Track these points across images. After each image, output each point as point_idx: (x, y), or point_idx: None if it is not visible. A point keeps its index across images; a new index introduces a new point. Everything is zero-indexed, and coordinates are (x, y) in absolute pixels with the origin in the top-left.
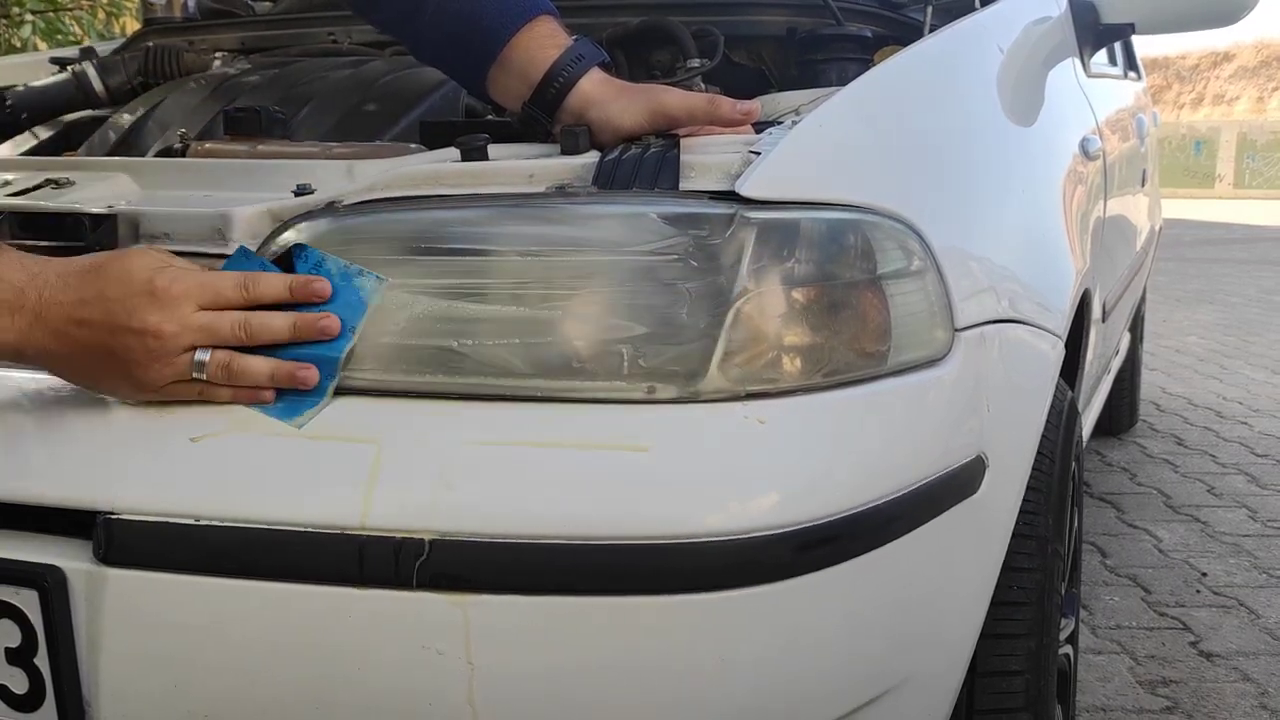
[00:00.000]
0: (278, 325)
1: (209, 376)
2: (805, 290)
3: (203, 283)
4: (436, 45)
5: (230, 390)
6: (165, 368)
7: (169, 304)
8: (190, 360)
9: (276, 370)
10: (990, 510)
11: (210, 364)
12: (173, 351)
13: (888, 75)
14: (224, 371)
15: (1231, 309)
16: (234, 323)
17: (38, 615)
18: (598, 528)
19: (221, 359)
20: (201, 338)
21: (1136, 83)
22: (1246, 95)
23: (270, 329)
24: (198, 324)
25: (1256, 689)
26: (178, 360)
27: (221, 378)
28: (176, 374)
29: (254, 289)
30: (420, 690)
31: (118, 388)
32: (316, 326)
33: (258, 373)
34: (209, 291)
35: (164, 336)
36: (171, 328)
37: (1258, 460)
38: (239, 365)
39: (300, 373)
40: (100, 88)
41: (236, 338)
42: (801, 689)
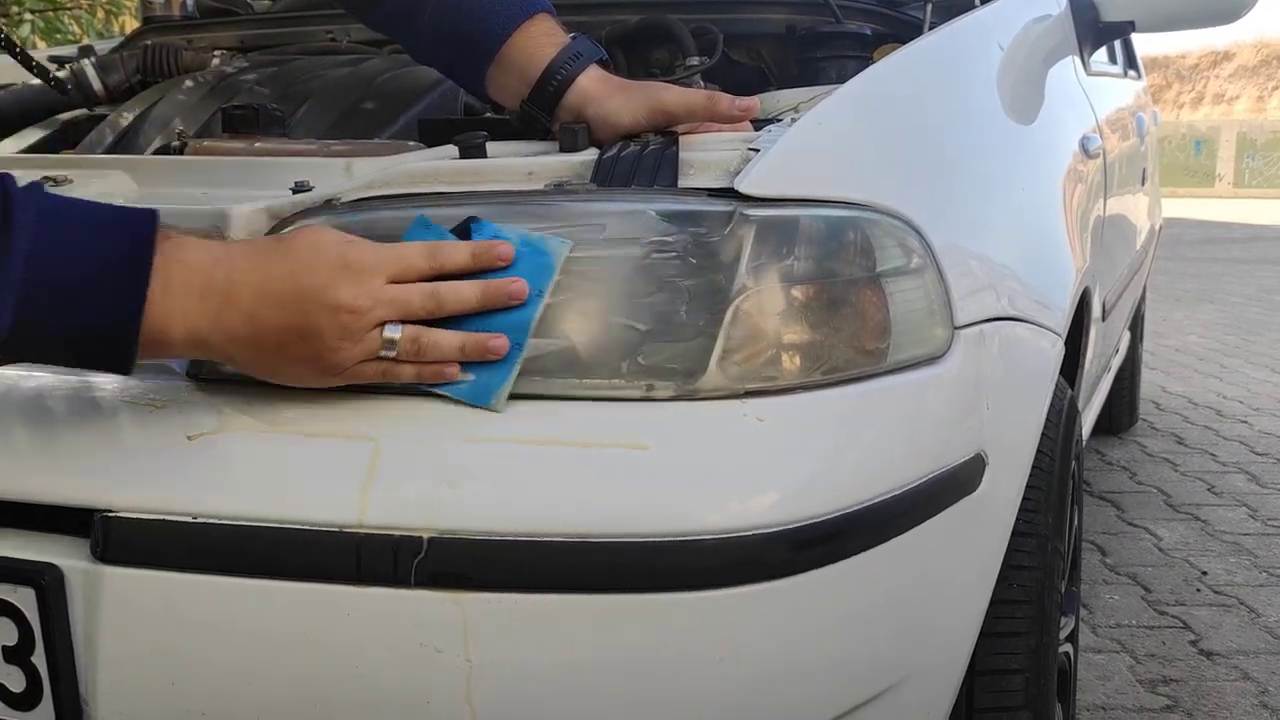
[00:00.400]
0: (467, 293)
1: (399, 353)
2: (804, 288)
3: (392, 256)
4: (434, 45)
5: (416, 368)
6: (356, 346)
7: (363, 277)
8: (380, 337)
9: (467, 342)
10: (990, 508)
11: (402, 339)
12: (366, 328)
13: (887, 73)
14: (414, 346)
15: (1231, 308)
16: (424, 294)
17: (35, 613)
18: (596, 525)
19: (412, 333)
20: (393, 311)
21: (1136, 81)
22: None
23: (460, 297)
24: (389, 297)
25: (1257, 687)
26: (370, 338)
27: (411, 354)
28: (366, 352)
29: (439, 257)
30: (418, 688)
31: (302, 372)
32: (505, 291)
33: (449, 346)
34: (399, 263)
35: (359, 311)
36: (366, 302)
37: (1258, 459)
38: (429, 339)
39: (492, 343)
40: (99, 86)
41: (427, 309)
42: (800, 687)
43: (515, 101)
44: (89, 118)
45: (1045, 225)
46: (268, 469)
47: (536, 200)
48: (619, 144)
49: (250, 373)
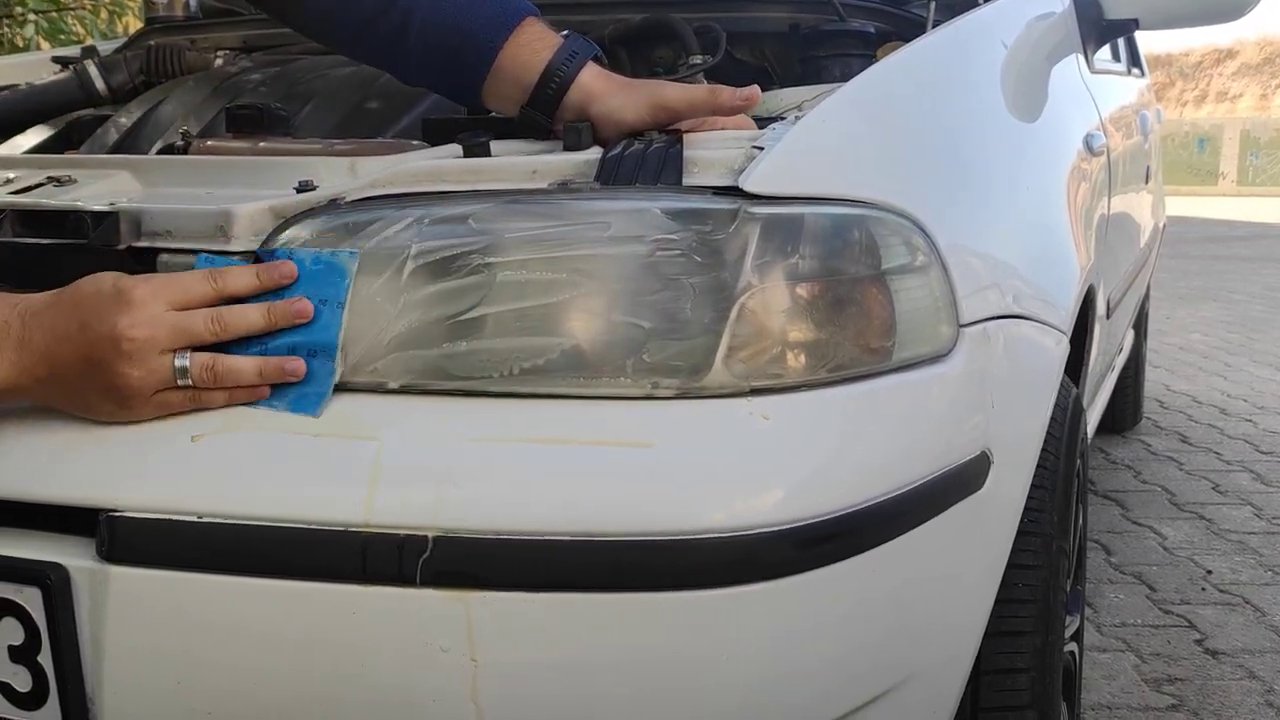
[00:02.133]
0: (252, 315)
1: (195, 381)
2: (809, 286)
3: (169, 283)
4: (425, 67)
5: (224, 393)
6: (146, 375)
7: (136, 305)
8: (171, 365)
9: (264, 366)
10: (995, 507)
11: (193, 367)
12: (149, 353)
13: (891, 71)
14: (209, 374)
15: (1235, 306)
16: (207, 318)
17: (41, 613)
18: (601, 524)
19: (204, 361)
20: (176, 337)
21: (1140, 79)
22: (1249, 92)
23: (245, 319)
24: (169, 323)
25: (1262, 686)
26: (157, 365)
27: (208, 381)
28: (160, 381)
29: (221, 281)
30: (424, 687)
31: (110, 406)
32: (291, 310)
33: (245, 370)
34: (175, 289)
35: (135, 339)
36: (142, 330)
37: (1263, 457)
38: (224, 366)
39: (289, 365)
40: (102, 86)
41: (212, 332)
42: (806, 685)
43: (514, 108)
44: (93, 118)
45: (1050, 223)
46: (273, 468)
47: (541, 199)
48: (623, 142)
49: (67, 410)
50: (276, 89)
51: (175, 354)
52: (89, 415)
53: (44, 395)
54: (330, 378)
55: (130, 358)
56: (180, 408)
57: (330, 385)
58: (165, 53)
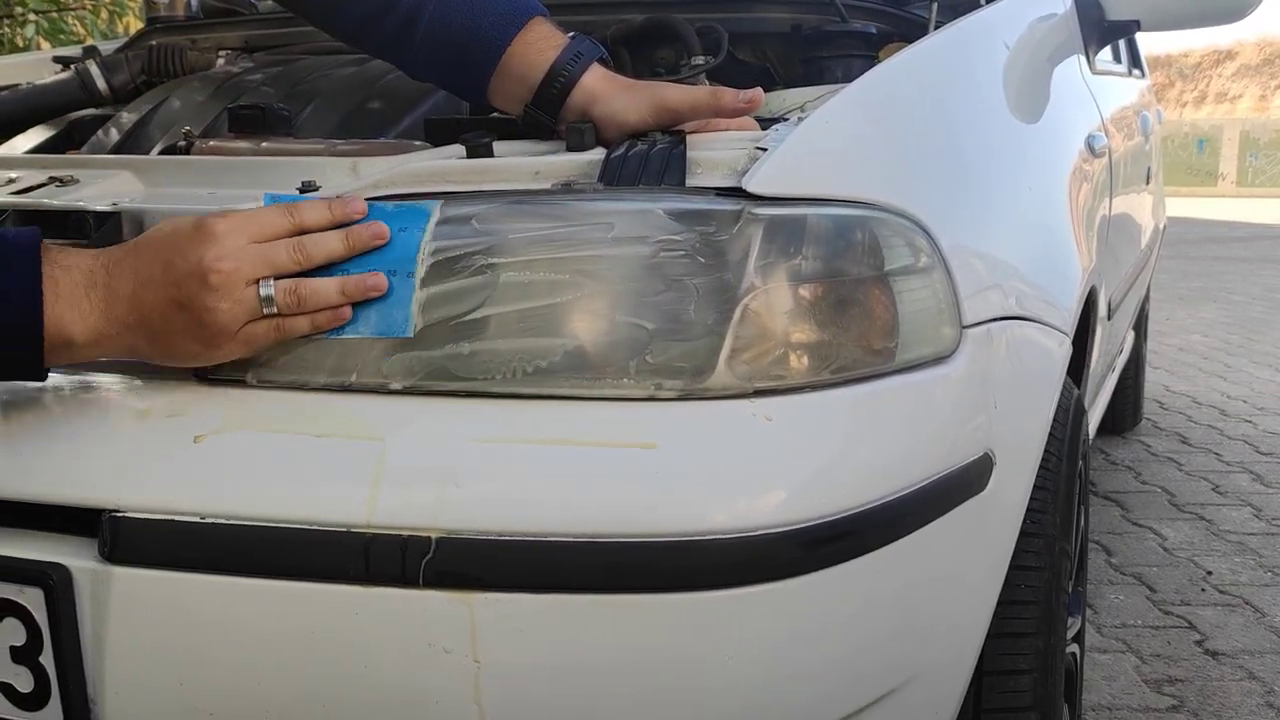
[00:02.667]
0: (332, 242)
1: (280, 307)
2: (812, 287)
3: (249, 217)
4: (432, 64)
5: (308, 318)
6: (234, 306)
7: (219, 239)
8: (256, 295)
9: (346, 284)
10: (998, 508)
11: (278, 292)
12: (236, 286)
13: (894, 72)
14: (293, 298)
15: (1235, 307)
16: (289, 246)
17: (43, 613)
18: (605, 525)
19: (287, 285)
20: (260, 267)
21: (1141, 80)
22: (1249, 93)
23: (325, 246)
24: (254, 254)
25: (1263, 687)
26: (244, 296)
27: (292, 305)
28: (247, 312)
29: (298, 215)
30: (426, 688)
31: (198, 347)
32: (369, 234)
33: (328, 291)
34: (255, 223)
35: (223, 271)
36: (228, 262)
37: (1263, 458)
38: (307, 289)
39: (370, 280)
40: (104, 86)
41: (295, 260)
42: (809, 686)
43: (519, 107)
44: (95, 118)
45: (1052, 224)
46: (275, 469)
47: (544, 200)
48: (626, 143)
49: (154, 359)
50: (278, 89)
51: (260, 283)
52: (175, 361)
53: (131, 343)
54: (410, 295)
55: (217, 290)
56: (266, 340)
57: (413, 304)
58: (167, 53)
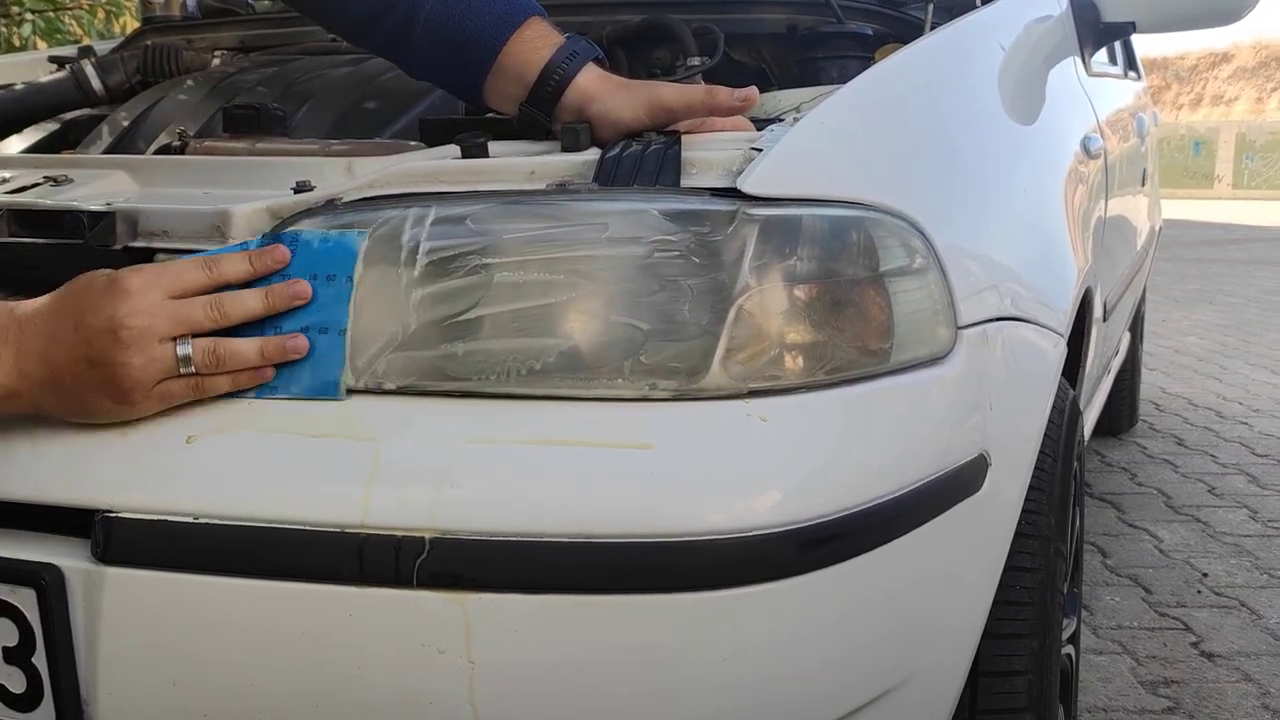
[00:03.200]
0: (250, 301)
1: (198, 367)
2: (807, 287)
3: (162, 270)
4: (429, 62)
5: (229, 376)
6: (147, 363)
7: (132, 294)
8: (173, 353)
9: (265, 346)
10: (993, 509)
11: (195, 352)
12: (149, 343)
13: (889, 73)
14: (212, 358)
15: (1231, 309)
16: (205, 304)
17: (35, 614)
18: (599, 525)
19: (205, 345)
20: (174, 325)
21: (1136, 82)
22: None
23: (243, 305)
24: (168, 311)
25: (1258, 689)
26: (158, 353)
27: (211, 365)
28: (161, 370)
29: (216, 269)
30: (420, 689)
31: (110, 404)
32: (289, 294)
33: (247, 353)
34: (170, 277)
35: (134, 327)
36: (141, 319)
37: (1258, 460)
38: (225, 349)
39: (289, 342)
40: (99, 86)
41: (212, 319)
42: (804, 687)
43: (514, 106)
44: (90, 117)
45: (1047, 225)
46: (269, 469)
47: (539, 200)
48: (621, 143)
49: (66, 417)
50: (274, 89)
51: (177, 341)
52: (86, 418)
53: (41, 400)
54: (341, 355)
55: (129, 347)
56: (183, 398)
57: (342, 363)
58: (162, 53)
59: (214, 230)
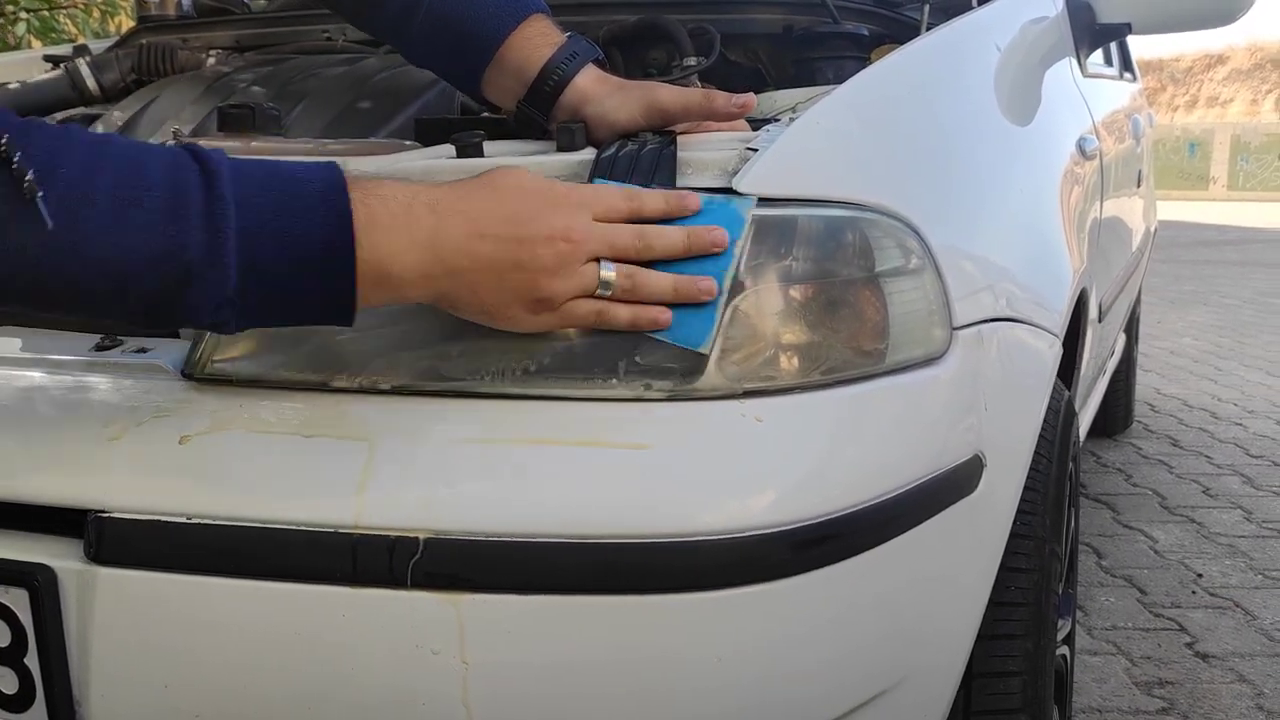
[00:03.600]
0: (673, 237)
1: (616, 291)
2: (803, 288)
3: (596, 193)
4: (430, 50)
5: (631, 310)
6: (571, 278)
7: (571, 208)
8: (595, 274)
9: (679, 283)
10: (988, 510)
11: (618, 277)
12: (579, 259)
13: (885, 74)
14: (630, 283)
15: (1226, 310)
16: (633, 233)
17: (28, 615)
18: (594, 526)
19: (627, 271)
20: (604, 246)
21: (1132, 84)
22: (1240, 98)
23: (667, 239)
24: (601, 232)
25: (1253, 690)
26: (583, 271)
27: (627, 292)
28: (579, 287)
29: (638, 200)
30: (414, 690)
31: (518, 311)
32: (709, 239)
33: (662, 287)
34: (602, 202)
35: (574, 239)
36: (580, 232)
37: (1253, 461)
38: (643, 278)
39: (702, 283)
40: (94, 85)
41: (635, 249)
42: (798, 688)
43: (512, 102)
44: (84, 117)
45: (1043, 226)
46: (262, 469)
47: None
48: (617, 143)
49: (463, 312)
50: (268, 88)
51: (600, 263)
52: (487, 320)
53: (448, 289)
54: (716, 312)
55: (562, 259)
56: (585, 319)
57: (718, 320)
58: (157, 51)
59: None
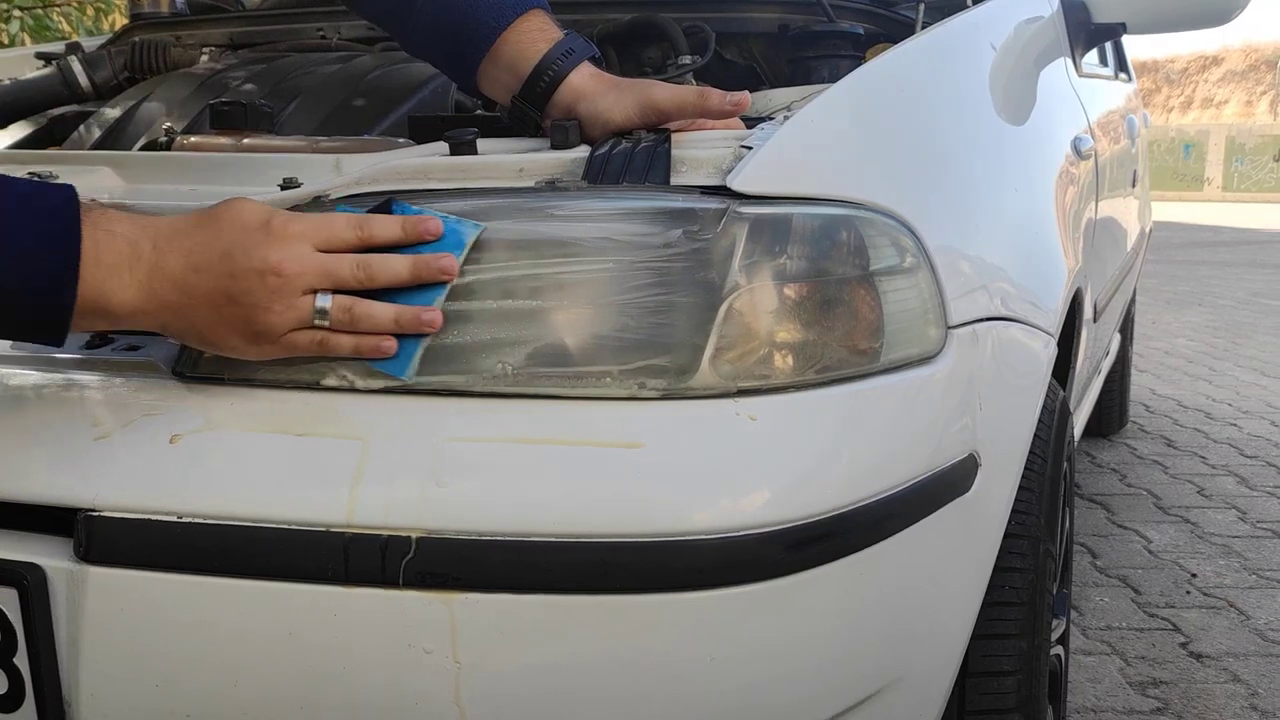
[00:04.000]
0: (398, 266)
1: (333, 322)
2: (797, 286)
3: (319, 224)
4: (427, 39)
5: (353, 339)
6: (286, 311)
7: (287, 241)
8: (311, 305)
9: (401, 314)
10: (982, 509)
11: (333, 308)
12: (294, 292)
13: (880, 72)
14: (348, 316)
15: (1220, 311)
16: (354, 263)
17: (17, 614)
18: (587, 525)
19: (344, 303)
20: (321, 279)
21: (1127, 84)
22: (1235, 99)
23: (391, 269)
24: (318, 263)
25: (1247, 690)
26: (299, 303)
27: (345, 323)
28: (298, 319)
29: (368, 229)
30: (407, 689)
31: (237, 341)
32: (436, 267)
33: (383, 318)
34: (324, 231)
35: (285, 274)
36: (293, 266)
37: (1247, 461)
38: (363, 310)
39: (425, 315)
40: (86, 82)
41: (356, 279)
42: (793, 688)
43: (506, 97)
44: (76, 114)
45: (1038, 225)
46: (254, 468)
47: (527, 197)
48: (611, 141)
49: (187, 342)
50: (262, 86)
51: (317, 294)
52: (209, 349)
53: (167, 322)
54: (422, 340)
55: (275, 293)
56: (305, 350)
57: (422, 348)
58: (150, 49)
59: None
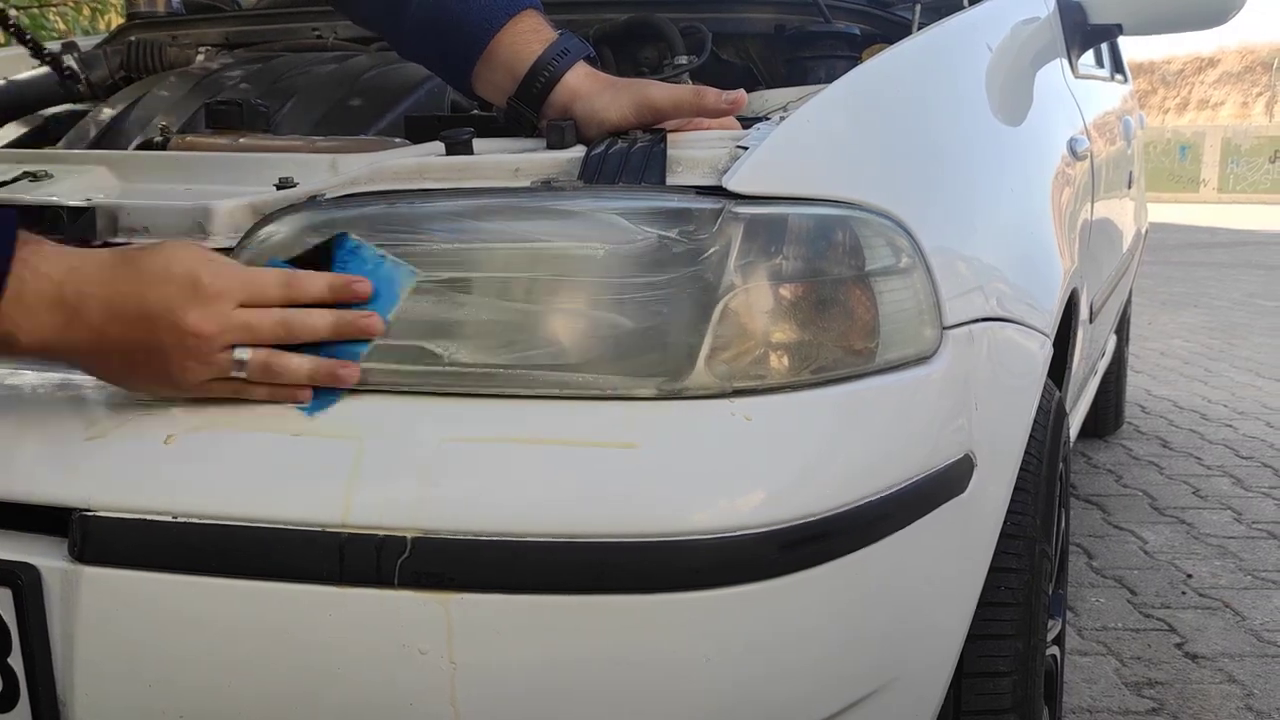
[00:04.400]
0: (319, 324)
1: (249, 376)
2: (793, 286)
3: (245, 280)
4: (420, 42)
5: (268, 389)
6: (203, 367)
7: (210, 301)
8: (230, 359)
9: (317, 370)
10: (978, 510)
11: (250, 364)
12: (212, 350)
13: (876, 73)
14: (264, 371)
15: (1216, 312)
16: (274, 321)
17: (11, 614)
18: (582, 525)
19: (261, 358)
20: (242, 336)
21: (1123, 85)
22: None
23: (311, 327)
24: (238, 322)
25: (1242, 690)
26: (217, 358)
27: (261, 377)
28: (216, 372)
29: (296, 287)
30: (402, 690)
31: (153, 386)
32: (359, 325)
33: (298, 371)
34: (250, 289)
35: (204, 336)
36: (212, 327)
37: (1242, 462)
38: (279, 364)
39: (342, 370)
40: (82, 82)
41: (276, 336)
42: (788, 689)
43: (502, 98)
44: (71, 113)
45: (1034, 226)
46: (249, 468)
47: (523, 197)
48: (606, 141)
49: (101, 379)
50: (258, 85)
51: (235, 348)
52: (123, 388)
53: (83, 363)
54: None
55: (193, 352)
56: (221, 395)
57: (341, 394)
58: (146, 48)
59: (195, 226)
